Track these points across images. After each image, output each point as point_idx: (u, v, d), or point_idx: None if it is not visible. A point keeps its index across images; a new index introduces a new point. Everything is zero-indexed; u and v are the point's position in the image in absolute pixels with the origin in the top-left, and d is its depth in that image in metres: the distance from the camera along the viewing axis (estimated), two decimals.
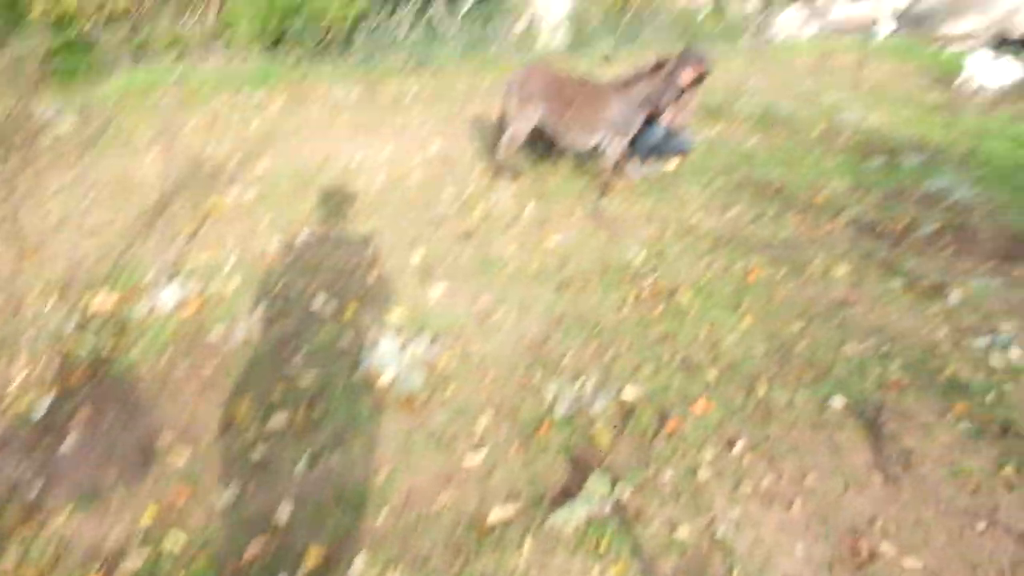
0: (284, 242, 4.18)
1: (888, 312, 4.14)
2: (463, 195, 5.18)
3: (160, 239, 4.04)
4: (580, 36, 13.43)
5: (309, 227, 4.39)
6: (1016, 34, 27.87)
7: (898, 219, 5.79)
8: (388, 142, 6.21)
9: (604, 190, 5.45)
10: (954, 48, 24.06)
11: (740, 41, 17.88)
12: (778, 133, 8.50)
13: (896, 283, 4.55)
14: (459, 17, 10.33)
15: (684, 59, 5.23)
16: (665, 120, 5.68)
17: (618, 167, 5.87)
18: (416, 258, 4.18)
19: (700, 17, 17.18)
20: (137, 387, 3.08)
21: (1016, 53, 22.28)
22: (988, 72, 14.01)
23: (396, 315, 3.53)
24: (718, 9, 18.46)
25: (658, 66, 5.10)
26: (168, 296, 3.62)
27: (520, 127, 5.31)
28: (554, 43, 13.38)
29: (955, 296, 4.39)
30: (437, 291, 3.79)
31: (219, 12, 7.57)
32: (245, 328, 3.44)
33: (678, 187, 5.94)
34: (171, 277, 3.78)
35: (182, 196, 4.60)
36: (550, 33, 13.08)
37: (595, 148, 5.49)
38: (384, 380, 3.13)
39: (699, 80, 5.44)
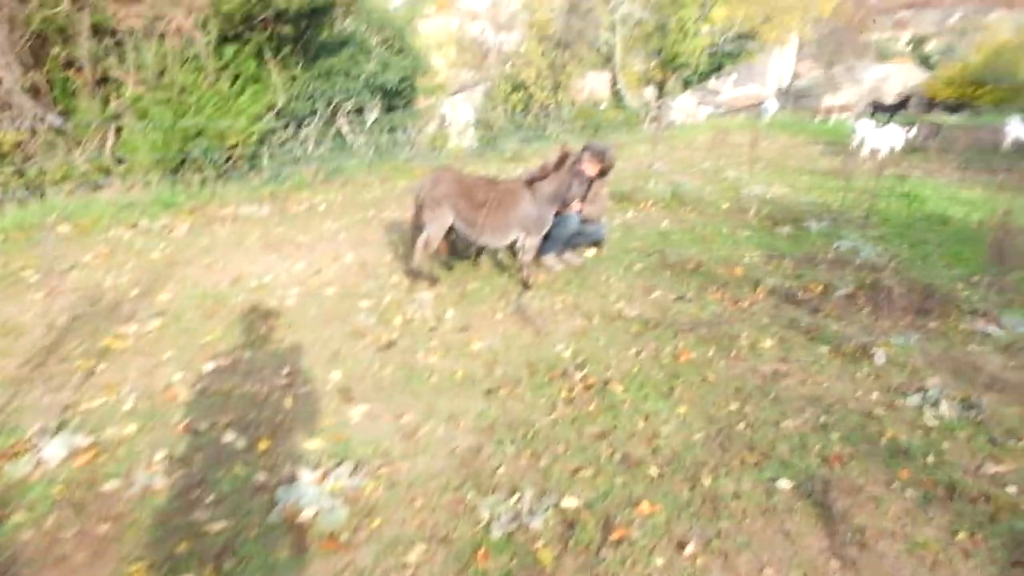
0: (189, 375, 3.89)
1: (820, 380, 4.14)
2: (382, 304, 5.03)
3: (48, 386, 3.69)
4: (487, 137, 13.82)
5: (217, 355, 4.12)
6: (888, 100, 30.40)
7: (814, 284, 5.95)
8: (301, 256, 6.05)
9: (525, 286, 5.41)
10: (835, 118, 26.07)
11: (641, 128, 18.90)
12: (689, 212, 8.79)
13: (823, 349, 4.59)
14: (366, 127, 10.47)
15: (587, 152, 5.37)
16: (577, 211, 5.75)
17: (537, 262, 5.88)
18: (336, 376, 3.95)
19: (601, 108, 18.10)
20: (17, 560, 2.69)
21: (891, 117, 24.26)
22: (877, 137, 15.16)
23: (315, 444, 3.28)
24: (617, 100, 19.50)
25: (562, 161, 5.19)
26: (55, 448, 3.26)
27: (434, 232, 5.28)
28: (463, 144, 13.74)
29: (880, 356, 4.45)
30: (359, 412, 3.56)
31: (115, 142, 7.37)
32: (145, 476, 3.11)
33: (599, 275, 5.96)
34: (60, 427, 3.42)
35: (75, 336, 4.27)
36: (458, 136, 13.44)
37: (512, 245, 5.48)
38: (304, 518, 2.85)
39: (604, 172, 5.56)
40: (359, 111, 10.48)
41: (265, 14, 7.66)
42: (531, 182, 5.26)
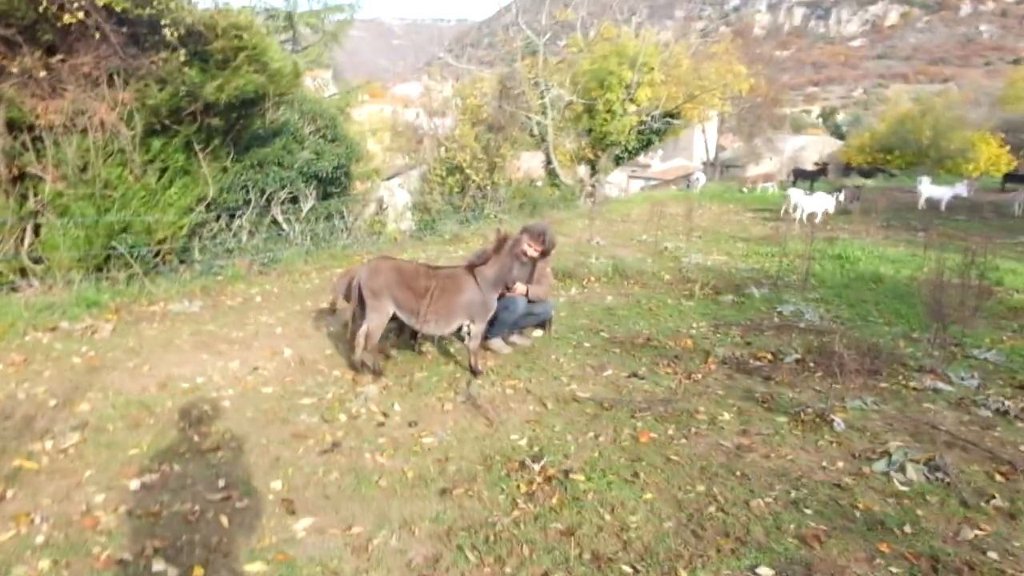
0: (113, 496, 3.53)
1: (783, 452, 4.04)
2: (324, 401, 4.75)
3: None
4: (425, 220, 13.82)
5: (144, 471, 3.76)
6: (807, 167, 32.06)
7: (763, 352, 5.96)
8: (236, 353, 5.73)
9: (474, 374, 5.25)
10: (761, 186, 27.27)
11: (578, 204, 19.30)
12: (633, 285, 8.83)
13: (782, 419, 4.53)
14: (302, 215, 10.31)
15: (526, 234, 5.34)
16: (522, 293, 5.67)
17: (484, 347, 5.73)
18: (277, 486, 3.65)
19: (537, 186, 18.44)
20: None
21: (813, 183, 25.46)
22: (810, 203, 15.87)
23: (256, 568, 2.96)
24: (552, 178, 19.93)
25: (501, 243, 5.14)
26: None
27: (374, 324, 5.11)
28: (402, 228, 13.69)
29: (839, 423, 4.41)
30: (304, 525, 3.26)
31: (34, 241, 7.00)
32: None
33: (549, 355, 5.84)
34: None
35: None
36: (396, 221, 13.40)
37: (458, 331, 5.34)
38: None
39: (546, 252, 5.53)
40: (294, 200, 10.30)
41: (194, 107, 7.53)
42: (472, 267, 5.18)
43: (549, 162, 20.11)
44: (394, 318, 5.20)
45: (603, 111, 19.05)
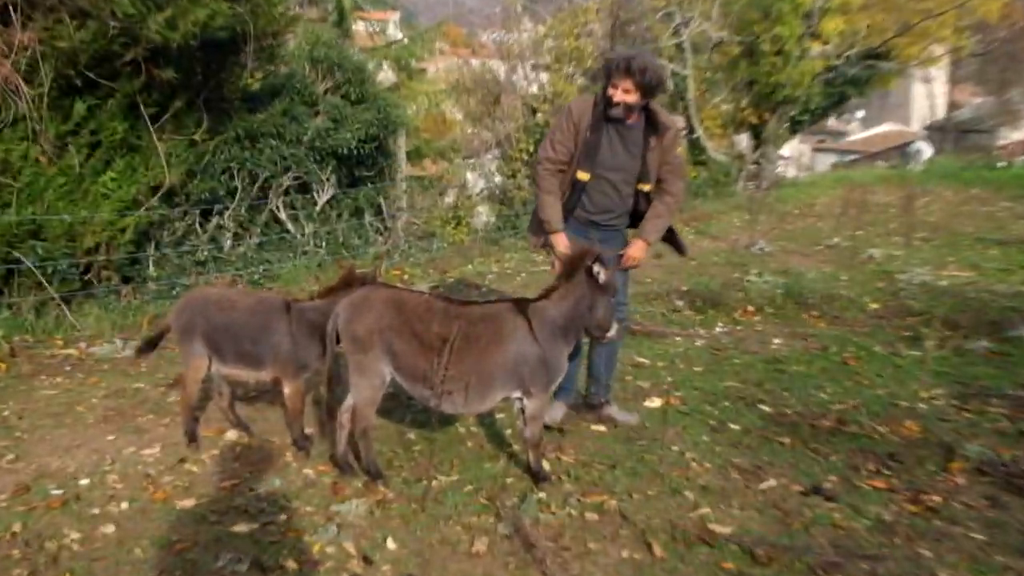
0: None
1: None
2: (274, 527, 4.00)
3: None
4: (505, 214, 13.20)
5: None
6: None
7: None
8: (162, 430, 5.18)
9: (536, 480, 4.49)
10: (1022, 160, 24.98)
11: (734, 188, 18.10)
12: (815, 319, 7.93)
13: None
14: (316, 210, 9.75)
15: (598, 263, 4.60)
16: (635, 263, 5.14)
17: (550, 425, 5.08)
18: None
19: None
20: None
21: None
22: None
23: None
24: (697, 153, 18.83)
25: (573, 265, 4.46)
26: None
27: (363, 395, 4.38)
28: (476, 225, 13.08)
29: None
30: None
31: None
32: None
33: (669, 444, 4.97)
34: None
35: None
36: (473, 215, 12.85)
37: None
38: None
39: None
40: (303, 188, 9.77)
41: (134, 53, 6.97)
42: (524, 303, 4.49)
43: (691, 131, 19.07)
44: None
45: (770, 53, 17.85)
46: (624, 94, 4.65)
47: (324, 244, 9.84)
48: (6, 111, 6.63)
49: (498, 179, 14.43)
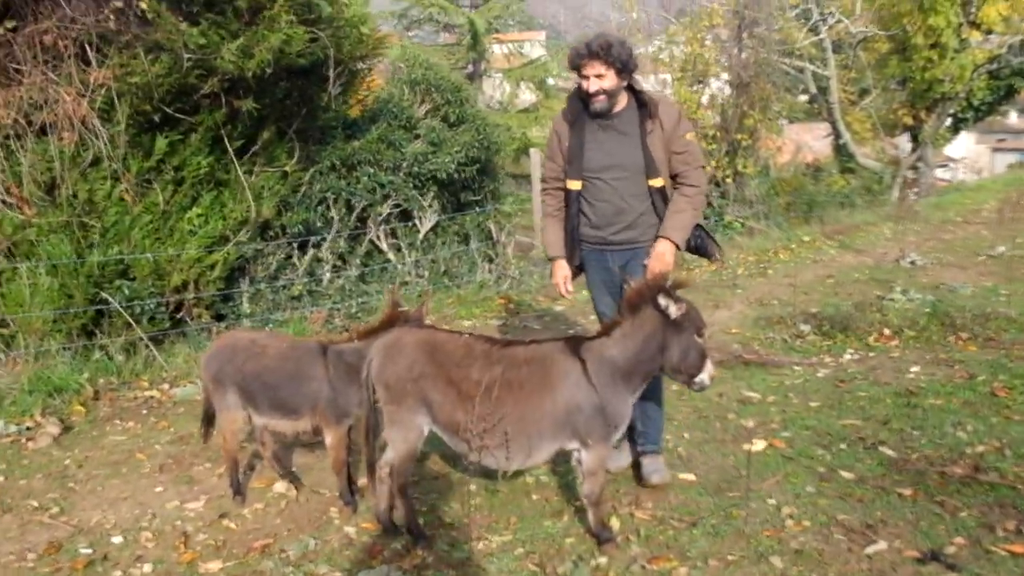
0: None
1: None
2: None
3: None
4: None
5: None
6: None
7: None
8: (213, 481, 4.97)
9: (600, 542, 3.96)
10: None
11: (887, 197, 16.93)
12: (965, 342, 7.07)
13: None
14: (419, 238, 9.50)
15: (661, 296, 3.95)
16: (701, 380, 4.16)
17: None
18: None
19: (816, 175, 16.53)
20: None
21: None
22: None
23: None
24: (845, 160, 17.78)
25: (640, 297, 3.89)
26: None
27: (400, 450, 3.97)
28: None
29: None
30: None
31: None
32: None
33: (759, 493, 4.35)
34: None
35: None
36: None
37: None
38: None
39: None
40: (405, 216, 9.53)
41: (209, 86, 6.88)
42: (577, 342, 3.99)
43: (837, 135, 18.00)
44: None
45: (924, 46, 16.70)
46: (598, 80, 4.16)
47: (426, 273, 9.56)
48: (85, 151, 6.65)
49: None
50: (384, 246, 9.44)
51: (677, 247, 4.32)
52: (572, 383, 3.81)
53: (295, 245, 8.61)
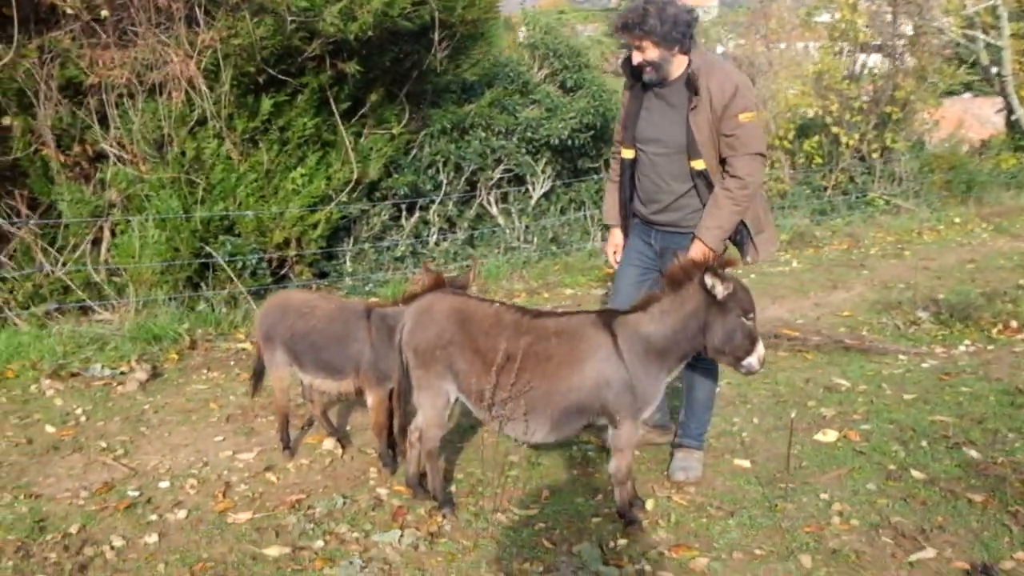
0: None
1: None
2: (311, 553, 3.69)
3: None
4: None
5: None
6: None
7: None
8: (270, 434, 5.03)
9: (626, 523, 3.86)
10: None
11: None
12: None
13: None
14: (531, 205, 9.41)
15: (708, 275, 3.71)
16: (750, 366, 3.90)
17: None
18: None
19: (978, 152, 15.33)
20: None
21: None
22: None
23: None
24: (1017, 138, 16.42)
25: (683, 275, 3.73)
26: None
27: (429, 415, 3.96)
28: None
29: None
30: None
31: (110, 247, 7.09)
32: None
33: (812, 487, 4.13)
34: None
35: None
36: None
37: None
38: None
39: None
40: (518, 180, 9.46)
41: (312, 48, 6.97)
42: (611, 315, 3.85)
43: (1010, 111, 16.60)
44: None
45: None
46: (639, 53, 3.90)
47: (535, 239, 9.48)
48: (192, 111, 6.88)
49: None
50: (494, 211, 9.41)
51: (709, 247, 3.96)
52: (601, 357, 3.69)
53: (403, 207, 8.71)
